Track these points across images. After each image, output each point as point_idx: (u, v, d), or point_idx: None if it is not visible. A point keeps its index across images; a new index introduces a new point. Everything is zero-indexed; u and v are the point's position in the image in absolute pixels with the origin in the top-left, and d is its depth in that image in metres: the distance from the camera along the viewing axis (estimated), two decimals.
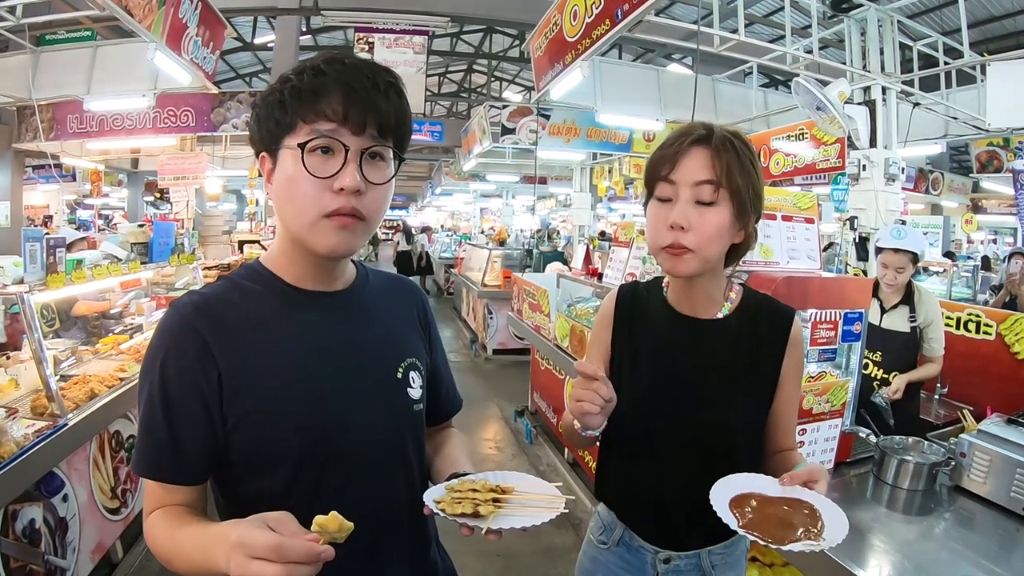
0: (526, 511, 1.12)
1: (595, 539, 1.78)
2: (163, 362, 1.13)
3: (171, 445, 1.12)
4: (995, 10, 11.01)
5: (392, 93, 1.15)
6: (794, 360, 1.56)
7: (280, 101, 1.12)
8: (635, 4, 4.71)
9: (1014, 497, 2.22)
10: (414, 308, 1.46)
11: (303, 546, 0.86)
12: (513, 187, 18.58)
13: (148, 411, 1.13)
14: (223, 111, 9.58)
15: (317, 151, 1.10)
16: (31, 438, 2.91)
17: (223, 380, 1.13)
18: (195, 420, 1.12)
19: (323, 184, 1.10)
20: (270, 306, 1.21)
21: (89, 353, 4.22)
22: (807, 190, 8.76)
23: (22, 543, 2.82)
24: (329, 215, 1.11)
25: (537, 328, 6.22)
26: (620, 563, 1.71)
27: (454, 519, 1.08)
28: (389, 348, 1.32)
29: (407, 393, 1.30)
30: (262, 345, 1.17)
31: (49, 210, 16.66)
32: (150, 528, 1.12)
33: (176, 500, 1.14)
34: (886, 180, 5.46)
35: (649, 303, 1.63)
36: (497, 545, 4.01)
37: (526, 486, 1.20)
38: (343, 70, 1.12)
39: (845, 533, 1.18)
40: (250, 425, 1.14)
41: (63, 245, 3.59)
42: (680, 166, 1.41)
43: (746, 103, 9.05)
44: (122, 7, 5.20)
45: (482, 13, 11.41)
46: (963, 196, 14.16)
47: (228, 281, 1.26)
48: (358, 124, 1.10)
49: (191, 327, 1.14)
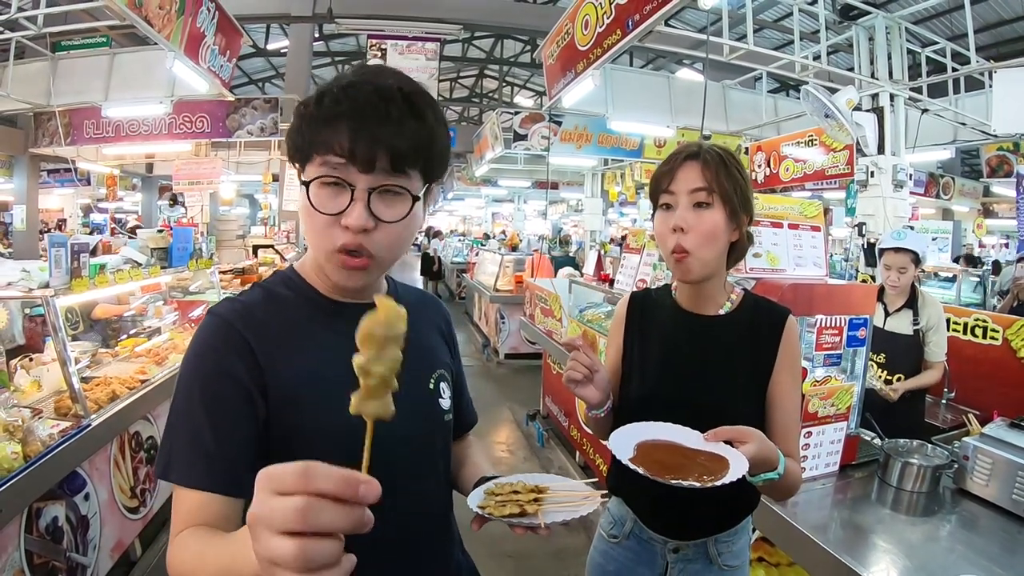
0: (566, 506, 1.16)
1: (606, 534, 1.87)
2: (208, 367, 1.10)
3: (218, 452, 1.05)
4: (1005, 13, 11.01)
5: (409, 119, 1.07)
6: (788, 355, 1.67)
7: (299, 128, 1.10)
8: (646, 15, 4.76)
9: (1016, 500, 2.25)
10: (440, 321, 1.49)
11: (335, 473, 0.66)
12: (525, 192, 18.62)
13: (188, 417, 1.08)
14: (238, 117, 9.66)
15: (327, 186, 1.07)
16: (56, 438, 2.97)
17: (268, 390, 1.10)
18: (243, 426, 1.08)
19: (331, 220, 1.07)
20: (305, 315, 1.20)
21: (108, 356, 4.29)
22: (817, 196, 8.80)
23: (45, 540, 2.88)
24: (338, 250, 1.09)
25: (549, 333, 6.26)
26: (631, 556, 1.81)
27: (504, 520, 1.11)
28: (421, 360, 1.31)
29: (439, 404, 1.31)
30: (301, 356, 1.14)
31: (63, 214, 16.82)
32: (177, 548, 1.00)
33: (211, 516, 1.03)
34: (894, 186, 5.49)
35: (658, 305, 1.80)
36: (509, 546, 4.08)
37: (560, 485, 1.25)
38: (356, 97, 1.05)
39: (737, 476, 1.24)
40: (291, 438, 1.10)
41: (86, 250, 3.66)
42: (677, 178, 1.61)
43: (756, 109, 9.08)
44: (142, 17, 5.29)
45: (494, 21, 11.46)
46: (974, 200, 14.11)
47: (263, 289, 1.24)
48: (365, 162, 1.04)
49: (237, 333, 1.12)
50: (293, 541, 0.63)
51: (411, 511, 1.21)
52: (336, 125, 1.04)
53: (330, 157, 1.05)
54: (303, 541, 0.63)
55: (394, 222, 1.09)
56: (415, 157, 1.09)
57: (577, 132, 9.73)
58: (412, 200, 1.11)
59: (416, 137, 1.08)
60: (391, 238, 1.11)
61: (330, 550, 0.65)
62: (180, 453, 1.06)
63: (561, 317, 5.98)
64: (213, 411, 1.07)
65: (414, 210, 1.12)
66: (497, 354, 10.08)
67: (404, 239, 1.14)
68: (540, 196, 17.65)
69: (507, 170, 14.32)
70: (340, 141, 1.04)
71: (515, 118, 9.95)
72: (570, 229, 22.74)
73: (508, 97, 23.14)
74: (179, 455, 1.06)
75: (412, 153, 1.08)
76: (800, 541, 2.16)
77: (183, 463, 1.05)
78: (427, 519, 1.30)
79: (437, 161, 1.15)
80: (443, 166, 1.19)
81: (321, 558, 0.64)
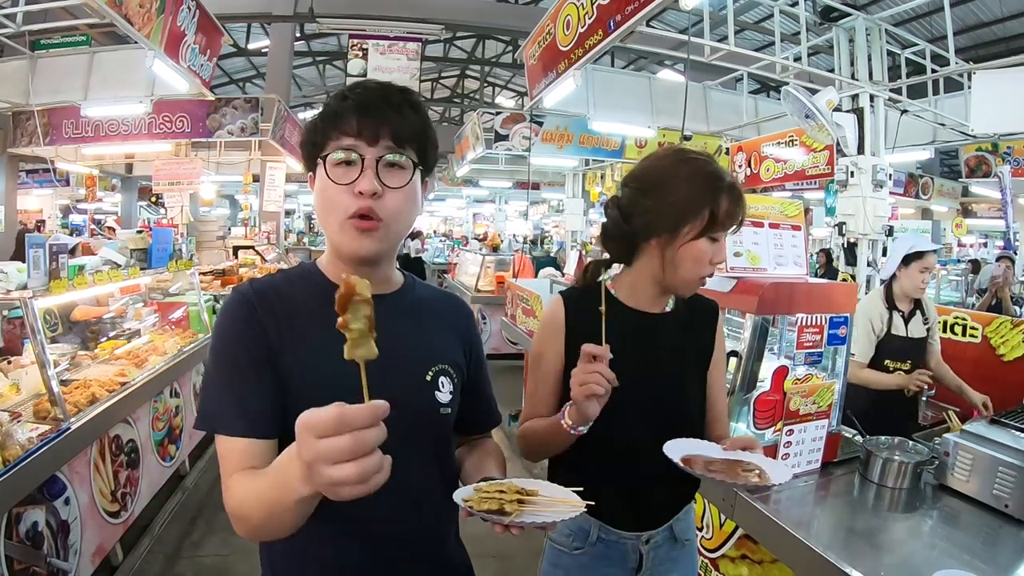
0: (548, 510, 1.20)
1: (565, 547, 1.82)
2: (231, 336, 1.27)
3: (252, 405, 1.21)
4: (983, 16, 11.12)
5: (406, 108, 1.28)
6: (721, 343, 1.88)
7: (315, 126, 1.29)
8: (627, 15, 4.76)
9: (996, 495, 2.27)
10: (459, 322, 1.56)
11: (362, 410, 0.86)
12: (506, 192, 18.62)
13: (222, 378, 1.25)
14: (218, 117, 9.57)
15: (341, 164, 1.25)
16: (35, 441, 2.93)
17: (278, 361, 1.25)
18: (267, 382, 1.23)
19: (346, 189, 1.23)
20: (316, 301, 1.29)
21: (88, 358, 4.25)
22: (797, 196, 8.85)
23: (25, 545, 2.84)
24: (352, 216, 1.23)
25: (531, 333, 6.26)
26: (601, 562, 1.80)
27: (480, 515, 1.15)
28: (423, 351, 1.40)
29: (434, 396, 1.37)
30: (303, 336, 1.27)
31: (42, 214, 16.65)
32: (232, 487, 1.17)
33: (259, 458, 1.19)
34: (874, 186, 5.53)
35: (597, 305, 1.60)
36: (493, 547, 4.07)
37: (550, 491, 1.27)
38: (362, 93, 1.27)
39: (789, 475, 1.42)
40: (286, 406, 1.22)
41: (65, 251, 3.62)
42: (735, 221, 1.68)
43: (737, 110, 9.11)
44: (122, 15, 5.25)
45: (475, 21, 11.48)
46: (953, 200, 14.26)
47: (283, 275, 1.41)
48: (371, 136, 1.23)
49: (253, 308, 1.27)
50: (350, 464, 0.85)
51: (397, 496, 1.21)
52: (346, 113, 1.25)
53: (342, 139, 1.25)
54: (358, 462, 0.85)
55: (399, 188, 1.27)
56: (412, 138, 1.29)
57: (558, 132, 9.72)
58: (413, 167, 1.29)
59: (415, 122, 1.29)
60: (397, 204, 1.27)
61: (376, 459, 0.87)
62: (222, 409, 1.23)
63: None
64: (242, 372, 1.24)
65: (414, 180, 1.30)
66: None
67: (408, 209, 1.30)
68: (521, 196, 17.66)
69: (488, 170, 14.32)
70: (352, 124, 1.24)
71: (496, 118, 9.95)
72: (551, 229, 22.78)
73: (489, 97, 23.20)
74: (222, 411, 1.23)
75: (410, 133, 1.28)
76: (783, 538, 2.17)
77: (226, 416, 1.22)
78: (415, 509, 1.34)
79: (430, 149, 1.35)
80: (435, 156, 1.39)
81: (373, 468, 0.86)
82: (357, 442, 0.84)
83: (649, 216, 1.64)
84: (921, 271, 3.73)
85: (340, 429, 0.84)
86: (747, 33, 12.37)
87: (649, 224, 1.65)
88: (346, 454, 0.84)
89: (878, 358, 3.75)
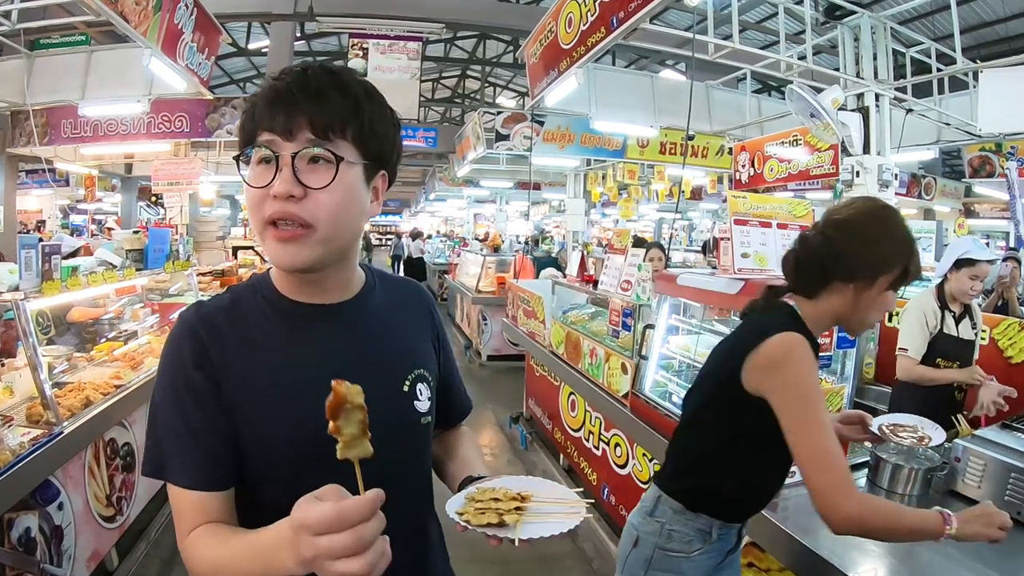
0: (548, 517, 1.13)
1: (685, 553, 1.95)
2: (176, 371, 1.14)
3: (202, 453, 1.12)
4: (987, 15, 11.09)
5: (331, 92, 1.11)
6: None
7: (241, 121, 1.16)
8: (631, 12, 4.72)
9: (1008, 501, 2.24)
10: (424, 313, 1.45)
11: (360, 504, 0.84)
12: (507, 192, 18.59)
13: (168, 418, 1.13)
14: (218, 116, 9.55)
15: (259, 162, 1.11)
16: (27, 446, 2.90)
17: (221, 390, 1.13)
18: (219, 424, 1.12)
19: (262, 193, 1.09)
20: (268, 320, 1.20)
21: (84, 360, 4.21)
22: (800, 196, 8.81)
23: (18, 552, 2.81)
24: (269, 223, 1.10)
25: (532, 334, 6.23)
26: (712, 555, 1.97)
27: (481, 530, 1.09)
28: (395, 361, 1.30)
29: (414, 407, 1.28)
30: (253, 361, 1.16)
31: (42, 215, 16.64)
32: (193, 548, 1.09)
33: (214, 510, 1.11)
34: (879, 186, 5.48)
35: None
36: (494, 552, 4.01)
37: (545, 492, 1.21)
38: (283, 78, 1.12)
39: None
40: (243, 439, 1.14)
41: (58, 252, 3.58)
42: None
43: (740, 109, 9.08)
44: (118, 13, 5.21)
45: (476, 20, 11.43)
46: (956, 201, 14.23)
47: (232, 293, 1.26)
48: (285, 130, 1.08)
49: (198, 337, 1.15)
50: (355, 560, 0.83)
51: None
52: (262, 105, 1.11)
53: (261, 135, 1.10)
54: (362, 556, 0.83)
55: (322, 188, 1.09)
56: (339, 125, 1.11)
57: (560, 132, 9.68)
58: (337, 162, 1.10)
59: (338, 106, 1.11)
60: (324, 207, 1.10)
61: (379, 548, 0.86)
62: (169, 454, 1.12)
63: (544, 319, 5.94)
64: (187, 413, 1.12)
65: (347, 177, 1.12)
66: (479, 356, 10.07)
67: (341, 212, 1.13)
68: (522, 197, 17.59)
69: (489, 171, 14.26)
70: (266, 116, 1.10)
71: (497, 118, 9.90)
72: (552, 230, 22.76)
73: (490, 97, 23.18)
74: (169, 456, 1.12)
75: (335, 120, 1.11)
76: (790, 546, 2.14)
77: (173, 464, 1.12)
78: (400, 525, 1.24)
79: (370, 135, 1.16)
80: (382, 145, 1.19)
81: (377, 556, 0.85)
82: (359, 538, 0.83)
83: (852, 262, 1.75)
84: (971, 278, 3.68)
85: (340, 527, 0.82)
86: (749, 32, 12.32)
87: (850, 269, 1.75)
88: (348, 550, 0.83)
89: (930, 357, 3.69)
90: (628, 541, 2.06)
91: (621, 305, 4.35)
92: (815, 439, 1.62)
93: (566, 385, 5.37)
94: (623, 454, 4.20)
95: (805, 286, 1.85)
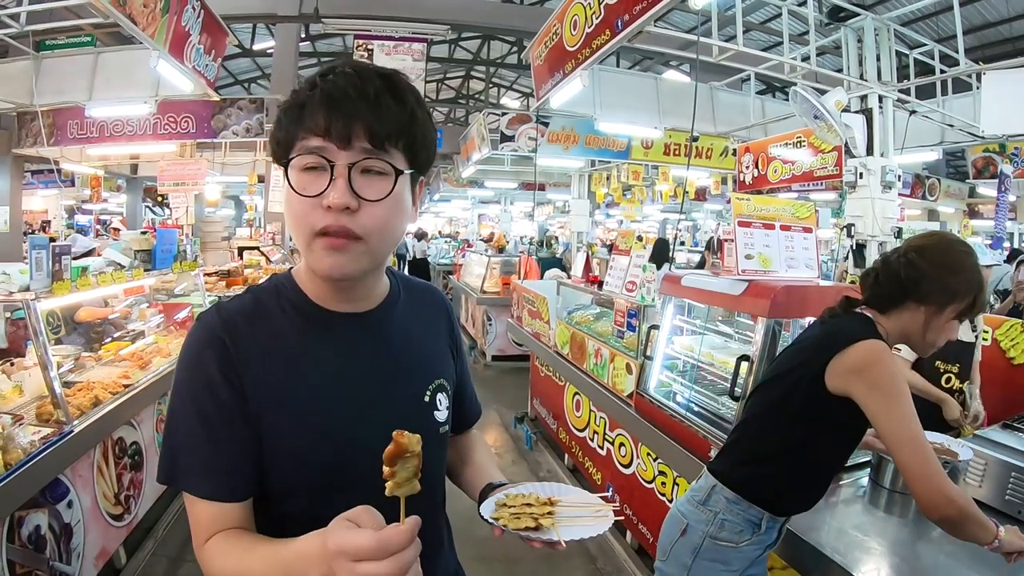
0: (578, 521, 1.18)
1: (735, 543, 2.04)
2: (196, 378, 1.10)
3: (219, 462, 1.09)
4: (990, 16, 11.08)
5: (387, 99, 1.06)
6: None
7: (280, 120, 1.10)
8: (636, 15, 4.73)
9: (1009, 500, 2.25)
10: (443, 320, 1.43)
11: (401, 533, 0.86)
12: (511, 193, 18.58)
13: (186, 425, 1.10)
14: (223, 118, 9.57)
15: (308, 170, 1.06)
16: (37, 445, 2.91)
17: (248, 400, 1.10)
18: (238, 434, 1.10)
19: (313, 202, 1.04)
20: (293, 326, 1.17)
21: (92, 360, 4.23)
22: (803, 198, 8.82)
23: (28, 549, 2.83)
24: (319, 234, 1.05)
25: (537, 335, 6.25)
26: (758, 547, 2.05)
27: (520, 534, 1.12)
28: (417, 371, 1.28)
29: (433, 417, 1.27)
30: (279, 369, 1.13)
31: (48, 215, 16.67)
32: (211, 556, 1.06)
33: (231, 520, 1.09)
34: (883, 188, 5.48)
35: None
36: (499, 551, 4.04)
37: (571, 497, 1.26)
38: (332, 80, 1.06)
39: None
40: (267, 449, 1.12)
41: (68, 252, 3.60)
42: None
43: (744, 111, 9.08)
44: (126, 15, 5.23)
45: (481, 21, 11.46)
46: (959, 202, 14.19)
47: (252, 296, 1.21)
48: (342, 138, 1.03)
49: (220, 343, 1.11)
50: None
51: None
52: (314, 107, 1.04)
53: (309, 140, 1.04)
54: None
55: (378, 200, 1.06)
56: (396, 135, 1.07)
57: (564, 133, 9.68)
58: (396, 175, 1.07)
59: (395, 115, 1.06)
60: (377, 220, 1.07)
61: (416, 571, 0.89)
62: (188, 463, 1.10)
63: (549, 319, 5.96)
64: (207, 422, 1.09)
65: (399, 189, 1.09)
66: (484, 356, 10.07)
67: (392, 223, 1.10)
68: (527, 197, 17.59)
69: (494, 171, 14.27)
70: (318, 121, 1.03)
71: (502, 119, 9.90)
72: (556, 230, 22.74)
73: (495, 98, 23.14)
74: (187, 465, 1.10)
75: (392, 130, 1.06)
76: (794, 544, 2.15)
77: (190, 473, 1.09)
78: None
79: (421, 145, 1.12)
80: (428, 154, 1.16)
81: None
82: (399, 565, 0.84)
83: (929, 286, 1.88)
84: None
85: (380, 555, 0.83)
86: (753, 33, 12.32)
87: (926, 292, 1.89)
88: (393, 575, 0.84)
89: (929, 358, 3.69)
90: (675, 529, 2.13)
91: (626, 306, 4.37)
92: (911, 426, 1.73)
93: (571, 385, 5.39)
94: (627, 453, 4.22)
95: (880, 302, 1.99)
